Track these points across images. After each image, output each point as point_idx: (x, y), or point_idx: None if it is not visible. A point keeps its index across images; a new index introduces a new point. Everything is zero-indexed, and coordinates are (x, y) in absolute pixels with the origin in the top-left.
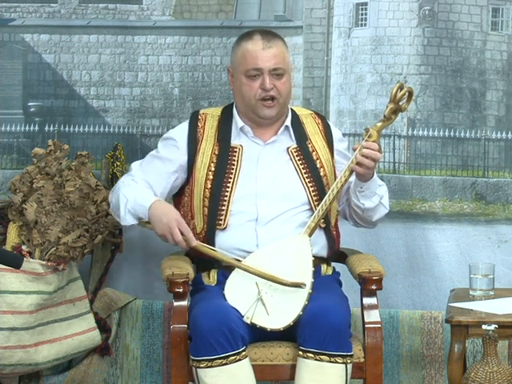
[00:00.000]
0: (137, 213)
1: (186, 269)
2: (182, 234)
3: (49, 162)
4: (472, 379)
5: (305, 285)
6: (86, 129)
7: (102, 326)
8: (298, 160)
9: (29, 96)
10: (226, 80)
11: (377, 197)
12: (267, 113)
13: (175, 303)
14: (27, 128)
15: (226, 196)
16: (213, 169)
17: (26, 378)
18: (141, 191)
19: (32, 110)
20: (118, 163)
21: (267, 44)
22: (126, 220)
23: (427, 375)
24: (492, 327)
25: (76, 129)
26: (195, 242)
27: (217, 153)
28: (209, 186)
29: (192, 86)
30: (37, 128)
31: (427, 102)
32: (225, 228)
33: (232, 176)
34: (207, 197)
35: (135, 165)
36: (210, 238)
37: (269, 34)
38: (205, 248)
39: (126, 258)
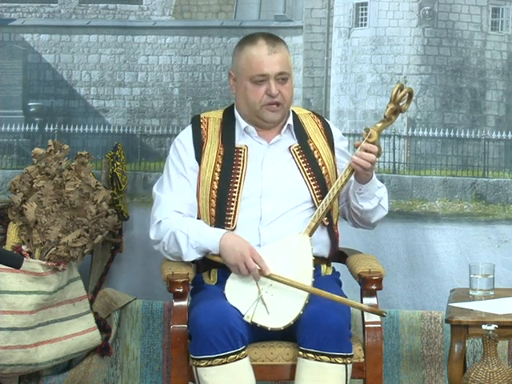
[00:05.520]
0: (202, 246)
1: (185, 269)
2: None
3: (49, 162)
4: (472, 379)
5: (385, 313)
6: (86, 129)
7: (102, 326)
8: (301, 158)
9: (29, 96)
10: (225, 80)
11: (376, 199)
12: (271, 117)
13: (175, 303)
14: (27, 128)
15: (234, 197)
16: (219, 170)
17: (26, 378)
18: (201, 225)
19: (32, 109)
20: (118, 163)
21: (272, 49)
22: (190, 255)
23: (427, 375)
24: (492, 327)
25: (76, 129)
26: (269, 271)
27: (222, 154)
28: (215, 186)
29: (192, 86)
30: (37, 128)
31: (427, 101)
32: (234, 229)
33: (238, 176)
34: (214, 198)
35: (160, 191)
36: None
37: (272, 37)
38: (279, 278)
39: (126, 258)
